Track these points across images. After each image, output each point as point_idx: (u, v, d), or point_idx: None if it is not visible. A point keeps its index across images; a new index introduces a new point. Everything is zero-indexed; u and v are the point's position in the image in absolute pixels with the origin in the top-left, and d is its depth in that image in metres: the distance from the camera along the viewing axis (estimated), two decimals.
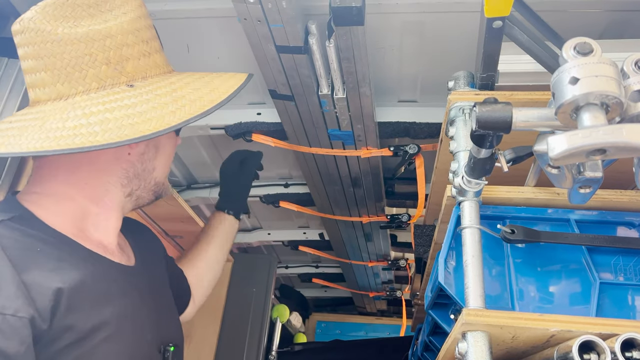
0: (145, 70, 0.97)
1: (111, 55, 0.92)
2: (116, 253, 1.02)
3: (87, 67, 0.91)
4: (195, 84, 0.99)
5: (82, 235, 0.96)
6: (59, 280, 0.83)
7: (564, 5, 1.19)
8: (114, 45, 0.93)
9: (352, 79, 1.32)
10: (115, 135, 0.85)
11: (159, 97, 0.92)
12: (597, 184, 0.77)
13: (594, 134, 0.60)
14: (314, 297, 3.54)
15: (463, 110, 1.04)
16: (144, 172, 1.03)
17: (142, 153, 1.01)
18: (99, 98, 0.91)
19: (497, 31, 0.87)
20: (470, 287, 0.87)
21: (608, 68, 0.63)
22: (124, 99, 0.91)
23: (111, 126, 0.86)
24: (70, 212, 0.96)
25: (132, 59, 0.95)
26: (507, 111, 0.72)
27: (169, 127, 0.88)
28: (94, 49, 0.91)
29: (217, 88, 0.98)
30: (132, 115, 0.88)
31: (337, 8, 1.08)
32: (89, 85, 0.92)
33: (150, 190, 1.06)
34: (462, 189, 0.95)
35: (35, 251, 0.86)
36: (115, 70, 0.93)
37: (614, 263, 0.95)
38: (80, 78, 0.91)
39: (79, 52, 0.91)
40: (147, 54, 0.97)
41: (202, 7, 1.29)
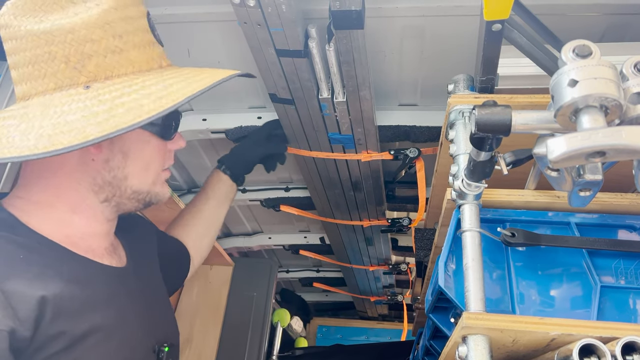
0: (111, 69, 0.88)
1: (71, 52, 0.85)
2: (105, 255, 1.00)
3: (45, 66, 0.85)
4: (153, 87, 0.88)
5: (68, 240, 0.93)
6: (42, 288, 0.81)
7: (564, 8, 1.19)
8: (75, 42, 0.85)
9: (352, 83, 1.32)
10: (25, 148, 0.79)
11: (99, 103, 0.84)
12: (597, 186, 0.77)
13: (593, 136, 0.60)
14: (315, 301, 3.53)
15: (463, 114, 1.04)
16: (115, 180, 0.96)
17: (107, 160, 0.94)
18: (50, 99, 0.85)
19: (496, 34, 0.88)
20: (470, 291, 0.87)
21: (607, 70, 0.62)
22: (70, 103, 0.84)
23: (31, 137, 0.80)
24: (53, 220, 0.93)
25: (95, 56, 0.86)
26: (506, 114, 0.72)
27: (85, 141, 0.78)
28: (53, 45, 0.84)
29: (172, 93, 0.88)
30: (58, 124, 0.81)
31: (337, 12, 1.08)
32: (47, 86, 0.86)
33: (131, 199, 1.00)
34: (462, 192, 0.95)
35: (18, 259, 0.83)
36: (75, 69, 0.85)
37: (614, 266, 0.95)
38: (39, 77, 0.86)
39: (39, 49, 0.85)
40: (117, 50, 0.88)
41: (202, 12, 1.29)
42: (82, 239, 0.96)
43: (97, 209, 0.98)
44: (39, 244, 0.88)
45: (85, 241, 0.97)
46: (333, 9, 1.08)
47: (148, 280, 1.12)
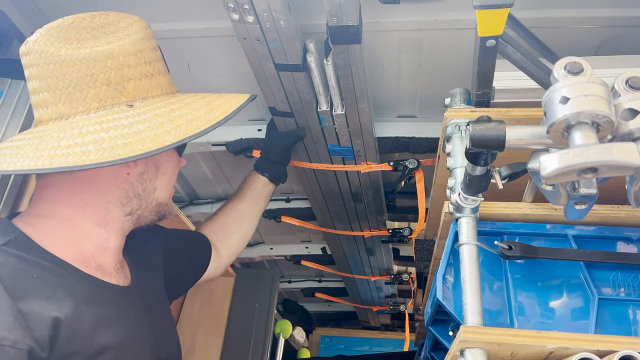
0: (146, 91, 0.97)
1: (112, 75, 0.93)
2: (113, 274, 1.02)
3: (87, 88, 0.92)
4: (195, 105, 0.99)
5: (80, 258, 0.96)
6: (56, 310, 0.83)
7: (560, 21, 1.21)
8: (115, 66, 0.94)
9: (350, 96, 1.33)
10: (107, 155, 0.86)
11: (156, 117, 0.93)
12: (592, 200, 0.77)
13: (585, 153, 0.61)
14: (318, 311, 3.52)
15: (459, 127, 1.05)
16: (144, 192, 1.03)
17: (142, 173, 1.01)
18: (98, 118, 0.92)
19: (490, 50, 0.89)
20: (468, 304, 0.87)
21: (598, 87, 0.63)
22: (121, 118, 0.91)
23: (105, 145, 0.87)
24: (70, 235, 0.96)
25: (133, 80, 0.96)
26: (500, 129, 0.73)
27: (162, 147, 0.88)
28: (95, 69, 0.92)
29: (216, 108, 0.99)
30: (127, 134, 0.89)
31: (334, 27, 1.10)
32: (89, 105, 0.93)
33: (153, 211, 1.06)
34: (459, 206, 0.96)
35: (32, 278, 0.85)
36: (116, 90, 0.94)
37: (612, 278, 0.95)
38: (81, 98, 0.93)
39: (81, 72, 0.92)
40: (149, 75, 0.98)
41: (201, 27, 1.31)
42: (93, 257, 0.99)
43: (120, 222, 1.03)
44: (51, 263, 0.90)
45: (97, 259, 0.99)
46: (330, 25, 1.09)
47: (152, 298, 1.14)
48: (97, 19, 0.99)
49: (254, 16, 1.10)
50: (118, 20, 1.00)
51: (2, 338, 0.76)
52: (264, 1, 1.05)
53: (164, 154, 1.04)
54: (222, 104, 1.01)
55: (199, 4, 1.23)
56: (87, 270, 0.95)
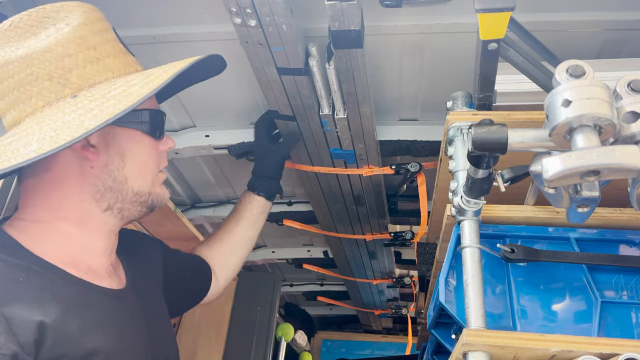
0: (92, 77, 0.91)
1: (52, 69, 0.89)
2: (105, 277, 1.00)
3: (30, 87, 0.89)
4: (135, 80, 0.92)
5: (69, 261, 0.94)
6: (41, 314, 0.82)
7: (562, 25, 1.21)
8: (53, 59, 0.89)
9: (352, 100, 1.33)
10: (32, 152, 0.82)
11: (90, 102, 0.87)
12: (594, 203, 0.77)
13: (587, 155, 0.61)
14: (319, 315, 3.52)
15: (461, 130, 1.05)
16: (116, 184, 0.97)
17: (106, 164, 0.96)
18: (41, 117, 0.88)
19: (492, 53, 0.89)
20: (470, 307, 0.87)
21: (600, 90, 0.64)
22: (59, 111, 0.87)
23: (35, 146, 0.83)
24: (54, 238, 0.94)
25: (75, 69, 0.90)
26: (502, 132, 0.73)
27: (86, 132, 0.82)
28: (34, 67, 0.88)
29: (154, 79, 0.91)
30: (57, 127, 0.84)
31: (336, 32, 1.10)
32: (35, 105, 0.89)
33: (134, 202, 1.01)
34: (461, 209, 0.96)
35: (18, 282, 0.84)
36: (59, 84, 0.89)
37: (615, 281, 0.95)
38: (26, 99, 0.89)
39: (21, 74, 0.88)
40: (94, 60, 0.92)
41: (204, 31, 1.31)
42: (82, 260, 0.97)
43: (100, 220, 0.99)
44: (39, 267, 0.88)
45: (86, 262, 0.97)
46: (332, 29, 1.10)
47: (148, 301, 1.12)
48: (34, 16, 0.93)
49: (256, 20, 1.10)
50: (56, 12, 0.93)
51: None
52: (266, 5, 1.05)
53: (127, 139, 0.98)
54: (164, 72, 0.93)
55: (201, 7, 1.23)
56: (77, 274, 0.93)
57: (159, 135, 1.05)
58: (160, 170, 1.07)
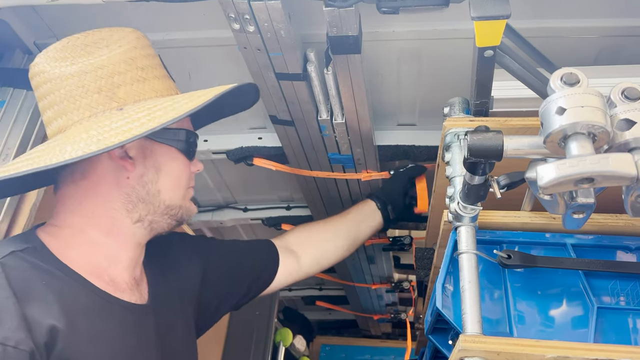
0: (138, 95, 0.98)
1: (102, 84, 0.95)
2: (126, 290, 1.02)
3: (80, 98, 0.94)
4: (179, 97, 0.99)
5: (93, 270, 0.97)
6: (54, 317, 0.84)
7: (558, 31, 1.21)
8: (105, 74, 0.95)
9: (350, 105, 1.34)
10: (79, 151, 0.87)
11: (136, 113, 0.93)
12: (590, 209, 0.78)
13: (581, 163, 0.62)
14: (318, 319, 3.51)
15: (458, 136, 1.06)
16: (149, 196, 1.01)
17: (141, 175, 1.00)
18: (88, 124, 0.93)
19: (488, 60, 0.89)
20: (467, 313, 0.87)
21: (594, 98, 0.64)
22: (106, 119, 0.92)
23: (82, 145, 0.88)
24: (82, 245, 0.98)
25: (123, 85, 0.96)
26: (497, 139, 0.74)
27: (133, 136, 0.88)
28: (86, 80, 0.94)
29: (200, 97, 0.97)
30: (105, 132, 0.89)
31: (334, 37, 1.11)
32: (82, 115, 0.95)
33: (164, 215, 1.04)
34: (458, 214, 0.96)
35: (40, 284, 0.87)
36: (107, 97, 0.95)
37: (611, 287, 0.95)
38: (75, 109, 0.95)
39: (73, 85, 0.94)
40: (141, 79, 0.99)
41: (202, 37, 1.32)
42: (106, 270, 0.99)
43: (129, 231, 1.02)
44: (62, 273, 0.92)
45: (109, 273, 1.00)
46: (330, 35, 1.10)
47: (167, 321, 1.11)
48: (90, 37, 1.01)
49: (254, 26, 1.11)
50: (111, 35, 1.01)
51: (6, 338, 0.77)
52: (264, 11, 1.06)
53: (163, 154, 1.03)
54: (208, 92, 0.99)
55: (200, 13, 1.24)
56: (98, 284, 0.96)
57: (192, 156, 1.11)
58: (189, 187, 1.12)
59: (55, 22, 1.30)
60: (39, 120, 1.24)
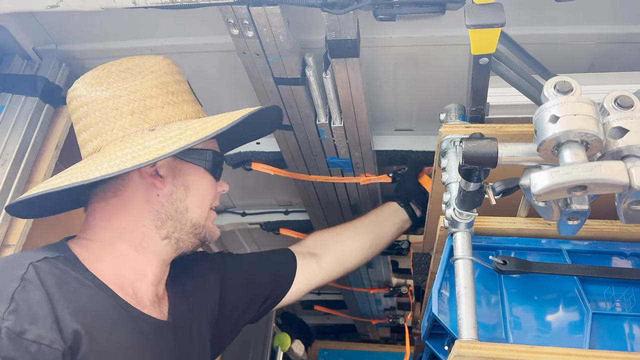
0: (169, 117, 1.03)
1: (135, 106, 1.00)
2: (147, 306, 1.04)
3: (114, 120, 1.00)
4: (208, 118, 1.03)
5: (119, 282, 0.99)
6: (80, 323, 0.86)
7: (554, 38, 1.22)
8: (138, 98, 1.01)
9: (349, 109, 1.35)
10: (115, 166, 0.91)
11: (168, 132, 0.97)
12: (584, 216, 0.78)
13: (574, 171, 0.62)
14: (316, 324, 3.51)
15: (454, 143, 1.06)
16: (177, 213, 1.05)
17: (171, 193, 1.04)
18: (122, 144, 0.98)
19: (484, 67, 0.90)
20: (463, 319, 0.87)
21: (586, 107, 0.65)
22: (139, 139, 0.97)
23: (117, 162, 0.93)
24: (111, 258, 1.01)
25: (155, 108, 1.02)
26: (492, 147, 0.74)
27: (166, 153, 0.92)
28: (120, 103, 1.00)
29: (228, 118, 1.01)
30: (139, 150, 0.94)
31: (333, 41, 1.11)
32: (116, 135, 1.00)
33: (190, 233, 1.08)
34: (454, 221, 0.96)
35: (69, 290, 0.90)
36: (139, 119, 1.00)
37: (606, 293, 0.96)
38: (109, 130, 1.00)
39: (108, 108, 1.00)
40: (172, 103, 1.04)
41: (201, 42, 1.33)
42: (131, 284, 1.02)
43: (157, 246, 1.05)
44: (90, 282, 0.95)
45: (134, 287, 1.02)
46: (329, 38, 1.11)
47: (185, 339, 1.13)
48: (125, 63, 1.07)
49: (253, 31, 1.12)
50: (143, 62, 1.07)
51: (40, 336, 0.80)
52: (263, 17, 1.07)
53: (192, 173, 1.07)
54: (236, 114, 1.03)
55: (198, 19, 1.25)
56: (123, 296, 0.98)
57: (218, 177, 1.14)
58: (212, 209, 1.14)
59: (54, 28, 1.31)
60: (37, 125, 1.25)
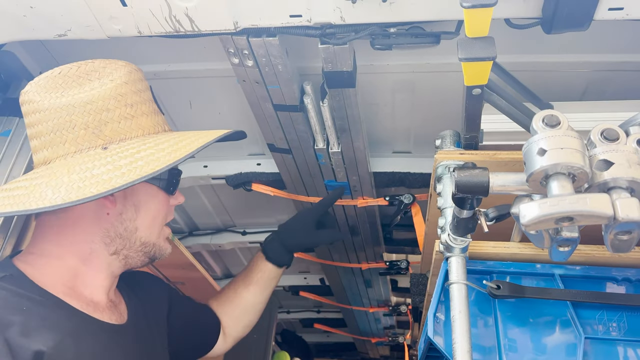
0: (124, 133, 0.99)
1: (90, 120, 0.96)
2: (106, 311, 1.04)
3: (67, 133, 0.96)
4: (163, 145, 0.98)
5: (72, 293, 0.99)
6: (40, 342, 0.86)
7: (547, 66, 1.25)
8: (93, 111, 0.96)
9: (345, 135, 1.38)
10: (59, 198, 0.88)
11: (120, 159, 0.93)
12: (574, 243, 0.80)
13: (561, 202, 0.64)
14: (316, 342, 3.51)
15: (449, 169, 1.09)
16: (126, 232, 1.03)
17: (120, 213, 1.02)
18: (72, 162, 0.94)
19: (476, 97, 0.93)
20: (457, 343, 0.89)
21: (573, 141, 0.67)
22: (88, 162, 0.93)
23: (62, 191, 0.89)
24: (60, 272, 0.99)
25: (111, 123, 0.97)
26: (484, 176, 0.77)
27: (113, 188, 0.88)
28: (74, 115, 0.96)
29: (182, 147, 0.98)
30: (86, 179, 0.90)
31: (330, 72, 1.14)
32: (68, 150, 0.96)
33: (139, 251, 1.07)
34: (448, 245, 0.98)
35: (21, 310, 0.88)
36: (93, 134, 0.96)
37: (598, 317, 0.97)
38: (60, 143, 0.96)
39: (61, 119, 0.96)
40: (129, 117, 1.00)
41: (203, 68, 1.36)
42: (83, 292, 1.01)
43: (105, 261, 1.04)
44: (42, 298, 0.93)
45: (87, 295, 1.02)
46: (326, 70, 1.14)
47: (147, 340, 1.14)
48: (83, 67, 1.02)
49: (253, 60, 1.15)
50: (104, 67, 1.02)
51: None
52: (262, 47, 1.10)
53: (143, 192, 1.04)
54: (192, 142, 1.00)
55: (201, 46, 1.28)
56: (78, 306, 0.98)
57: (172, 191, 1.11)
58: (166, 225, 1.13)
59: (61, 53, 1.34)
60: None
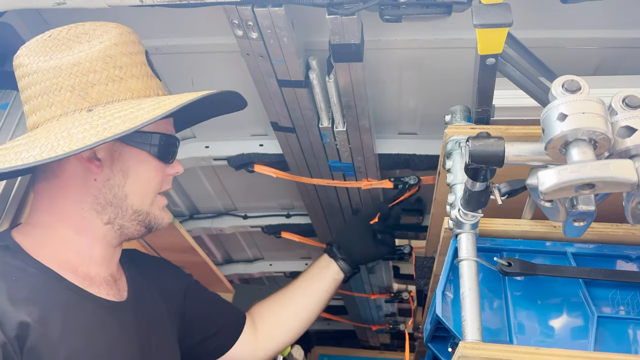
0: (112, 95, 0.95)
1: (76, 82, 0.93)
2: (103, 286, 1.01)
3: (53, 96, 0.93)
4: (146, 104, 0.95)
5: (67, 266, 0.97)
6: (25, 313, 0.84)
7: (560, 42, 1.22)
8: (80, 72, 0.93)
9: (351, 113, 1.35)
10: (31, 157, 0.86)
11: (99, 118, 0.90)
12: (590, 217, 0.78)
13: (582, 169, 0.62)
14: (316, 329, 3.50)
15: (459, 144, 1.06)
16: (116, 199, 1.00)
17: (108, 179, 0.98)
18: (56, 125, 0.92)
19: (490, 68, 0.90)
20: (467, 320, 0.87)
21: (595, 105, 0.64)
22: (70, 122, 0.91)
23: (36, 149, 0.87)
24: (54, 242, 0.97)
25: (98, 85, 0.94)
26: (499, 146, 0.74)
27: (83, 146, 0.85)
28: (60, 77, 0.93)
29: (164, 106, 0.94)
30: (62, 137, 0.88)
31: (336, 45, 1.11)
32: (54, 112, 0.94)
33: (133, 220, 1.03)
34: (458, 222, 0.96)
35: (11, 280, 0.87)
36: (79, 96, 0.93)
37: (611, 296, 0.95)
38: (47, 106, 0.94)
39: (48, 82, 0.93)
40: (117, 79, 0.96)
41: (205, 43, 1.33)
42: (80, 266, 0.99)
43: (100, 231, 1.01)
44: (35, 269, 0.92)
45: (83, 269, 0.99)
46: (333, 43, 1.11)
47: (150, 320, 1.11)
48: (73, 30, 0.99)
49: (257, 33, 1.12)
50: (94, 29, 0.99)
51: None
52: (268, 18, 1.07)
53: (133, 158, 1.00)
54: (176, 100, 0.95)
55: (203, 19, 1.25)
56: (73, 279, 0.96)
57: (169, 159, 1.07)
58: (161, 194, 1.08)
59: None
60: None
